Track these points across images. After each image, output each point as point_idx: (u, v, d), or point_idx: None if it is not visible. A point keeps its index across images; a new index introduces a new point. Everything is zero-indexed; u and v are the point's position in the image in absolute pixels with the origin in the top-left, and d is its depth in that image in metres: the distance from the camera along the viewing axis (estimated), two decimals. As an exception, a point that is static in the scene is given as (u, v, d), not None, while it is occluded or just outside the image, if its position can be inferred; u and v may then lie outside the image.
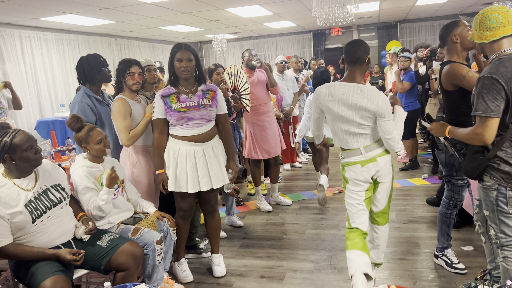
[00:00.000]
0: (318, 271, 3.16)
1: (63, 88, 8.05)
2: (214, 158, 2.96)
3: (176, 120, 2.84)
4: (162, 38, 11.02)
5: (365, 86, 2.46)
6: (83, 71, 3.16)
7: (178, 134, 2.88)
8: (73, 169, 2.65)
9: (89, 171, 2.63)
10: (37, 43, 7.48)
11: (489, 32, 2.09)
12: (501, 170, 2.13)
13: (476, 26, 2.15)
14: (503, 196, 2.15)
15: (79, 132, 2.66)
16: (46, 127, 6.58)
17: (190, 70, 2.83)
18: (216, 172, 2.97)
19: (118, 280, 2.37)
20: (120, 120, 2.92)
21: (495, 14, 2.07)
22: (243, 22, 9.05)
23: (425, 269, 3.06)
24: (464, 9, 9.65)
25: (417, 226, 3.86)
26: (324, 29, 11.59)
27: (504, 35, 2.06)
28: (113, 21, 7.54)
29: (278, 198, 4.77)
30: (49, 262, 2.23)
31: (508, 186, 2.13)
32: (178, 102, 2.84)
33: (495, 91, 1.97)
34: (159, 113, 2.87)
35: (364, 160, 2.51)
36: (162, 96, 2.86)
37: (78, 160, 2.70)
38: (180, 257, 3.17)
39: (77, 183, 2.59)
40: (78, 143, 2.67)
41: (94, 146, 2.64)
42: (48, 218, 2.31)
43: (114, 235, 2.49)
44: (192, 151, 2.88)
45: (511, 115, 2.04)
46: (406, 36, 11.12)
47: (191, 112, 2.86)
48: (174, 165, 2.88)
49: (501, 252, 2.24)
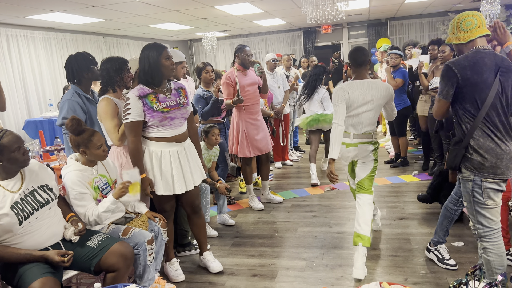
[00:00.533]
0: (310, 269, 3.16)
1: (51, 88, 7.95)
2: (193, 155, 2.99)
3: (160, 121, 2.75)
4: (152, 37, 10.94)
5: (374, 80, 3.07)
6: (71, 69, 3.11)
7: (160, 136, 2.79)
8: (65, 172, 2.57)
9: (82, 176, 2.55)
10: (24, 42, 7.38)
11: (466, 33, 2.30)
12: (474, 160, 2.23)
13: (453, 30, 2.36)
14: (478, 187, 2.24)
15: (79, 135, 2.55)
16: (34, 127, 6.50)
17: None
18: (196, 169, 3.00)
19: (109, 281, 2.34)
20: (108, 120, 2.86)
21: (470, 17, 2.30)
22: (233, 19, 9.02)
23: (416, 265, 3.07)
24: (453, 7, 9.73)
25: (408, 222, 3.88)
26: (314, 27, 11.60)
27: (479, 35, 2.28)
28: (102, 19, 7.46)
29: (269, 196, 4.76)
30: (38, 264, 2.19)
31: (483, 177, 2.22)
32: (158, 102, 2.74)
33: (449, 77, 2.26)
34: (136, 115, 2.69)
35: (348, 143, 3.17)
36: (139, 96, 2.71)
37: (70, 163, 2.60)
38: (170, 257, 3.14)
39: (69, 188, 2.52)
40: (76, 146, 2.56)
41: (94, 151, 2.55)
42: (35, 219, 2.27)
43: (104, 236, 2.46)
44: (175, 151, 2.84)
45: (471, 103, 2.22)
46: (395, 33, 11.18)
47: (173, 112, 2.80)
48: (158, 168, 2.81)
49: (480, 244, 2.32)
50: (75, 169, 2.55)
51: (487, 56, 2.23)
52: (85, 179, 2.55)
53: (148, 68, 2.73)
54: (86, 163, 2.60)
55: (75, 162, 2.60)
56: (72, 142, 2.57)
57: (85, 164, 2.60)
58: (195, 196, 3.07)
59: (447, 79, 2.27)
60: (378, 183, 5.18)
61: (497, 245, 2.28)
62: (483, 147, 2.22)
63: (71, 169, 2.56)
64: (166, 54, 2.76)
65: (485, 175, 2.22)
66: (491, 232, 2.29)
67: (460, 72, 2.22)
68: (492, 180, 2.23)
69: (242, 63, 4.31)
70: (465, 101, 2.25)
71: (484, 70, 2.20)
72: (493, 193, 2.25)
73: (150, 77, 2.75)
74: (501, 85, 2.21)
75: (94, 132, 2.59)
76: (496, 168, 2.21)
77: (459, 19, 2.33)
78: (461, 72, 2.22)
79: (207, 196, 3.72)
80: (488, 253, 2.29)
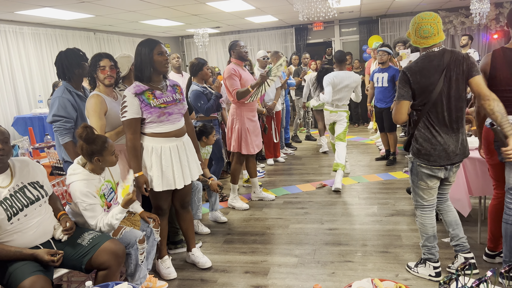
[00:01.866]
0: (302, 265, 3.17)
1: (40, 84, 7.85)
2: (191, 150, 3.01)
3: (158, 116, 2.76)
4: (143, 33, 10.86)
5: (349, 72, 5.05)
6: (61, 66, 3.08)
7: (158, 132, 2.80)
8: (72, 180, 2.46)
9: (90, 185, 2.46)
10: (13, 37, 7.28)
11: (422, 39, 2.53)
12: (414, 147, 2.65)
13: (413, 31, 2.57)
14: (415, 169, 2.70)
15: (92, 143, 2.44)
16: (24, 123, 6.43)
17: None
18: (194, 164, 3.02)
19: (100, 279, 2.33)
20: (96, 118, 2.83)
21: (427, 26, 2.50)
22: (225, 16, 8.98)
23: (406, 261, 3.10)
24: (444, 4, 9.79)
25: (398, 219, 3.91)
26: (306, 24, 11.59)
27: (434, 44, 2.52)
28: (92, 15, 7.39)
29: (261, 194, 4.75)
30: (28, 262, 2.18)
31: (419, 161, 2.64)
32: (155, 98, 2.76)
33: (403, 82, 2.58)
34: (134, 112, 2.70)
35: (330, 110, 5.14)
36: (135, 94, 2.71)
37: (77, 170, 2.49)
38: (163, 254, 3.13)
39: (79, 199, 2.43)
40: (89, 155, 2.45)
41: (109, 158, 2.48)
42: (25, 216, 2.25)
43: (95, 234, 2.44)
44: (175, 146, 2.86)
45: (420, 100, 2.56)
46: (387, 31, 11.21)
47: (170, 107, 2.82)
48: (158, 164, 2.81)
49: (416, 213, 2.84)
50: (83, 178, 2.45)
51: (436, 58, 2.51)
52: (92, 188, 2.47)
53: (140, 64, 2.75)
54: (95, 171, 2.52)
55: (83, 170, 2.49)
56: (84, 151, 2.45)
57: (93, 172, 2.51)
58: (187, 192, 3.09)
59: (403, 82, 2.59)
60: (369, 180, 5.21)
61: (424, 216, 2.79)
62: (422, 137, 2.60)
63: (78, 177, 2.45)
64: (159, 49, 2.75)
65: (420, 160, 2.64)
66: (422, 206, 2.79)
67: (412, 76, 2.55)
68: (425, 166, 2.63)
69: (239, 56, 4.28)
70: (415, 98, 2.60)
71: (432, 73, 2.51)
72: (426, 177, 2.67)
73: (141, 72, 2.76)
74: (446, 82, 2.50)
75: (106, 138, 2.50)
76: (429, 155, 2.60)
77: (418, 24, 2.53)
78: (413, 77, 2.55)
79: (199, 193, 3.71)
80: (422, 219, 2.81)
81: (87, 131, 2.42)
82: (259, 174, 5.74)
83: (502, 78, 2.61)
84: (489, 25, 10.10)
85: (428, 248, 2.81)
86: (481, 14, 7.61)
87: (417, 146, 2.63)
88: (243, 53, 4.27)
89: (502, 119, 2.35)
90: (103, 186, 2.54)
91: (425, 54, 2.56)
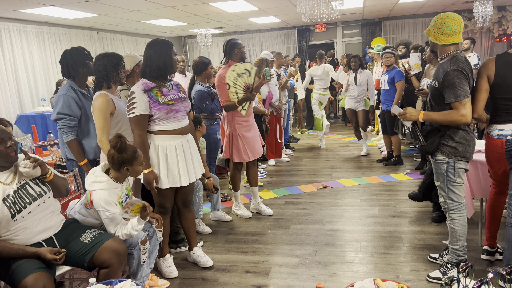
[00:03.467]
0: (303, 266, 3.18)
1: (43, 82, 7.87)
2: (195, 148, 3.05)
3: (166, 113, 2.79)
4: (146, 32, 10.88)
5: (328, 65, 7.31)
6: (66, 64, 3.10)
7: (165, 129, 2.83)
8: (96, 188, 2.45)
9: (112, 193, 2.46)
10: (16, 35, 7.30)
11: (443, 36, 2.58)
12: (449, 146, 2.64)
13: (435, 27, 2.60)
14: (451, 168, 2.67)
15: (123, 152, 2.42)
16: (27, 121, 6.44)
17: None
18: (197, 162, 3.05)
19: (102, 277, 2.34)
20: (101, 119, 2.83)
21: (452, 23, 2.55)
22: (228, 17, 8.99)
23: (408, 263, 3.11)
24: (446, 7, 9.79)
25: (399, 221, 3.92)
26: (308, 25, 11.60)
27: (453, 43, 2.58)
28: (96, 14, 7.40)
29: (259, 206, 4.39)
30: (31, 259, 2.18)
31: (455, 159, 2.65)
32: (163, 95, 2.81)
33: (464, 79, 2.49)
34: (142, 109, 2.74)
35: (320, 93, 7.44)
36: (144, 90, 2.76)
37: (102, 179, 2.47)
38: (164, 253, 3.15)
39: (102, 208, 2.42)
40: (119, 164, 2.43)
41: (137, 168, 2.48)
42: (29, 213, 2.26)
43: (97, 232, 2.45)
44: (180, 144, 2.90)
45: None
46: (389, 33, 11.21)
47: (177, 105, 2.87)
48: (164, 161, 2.84)
49: (448, 216, 2.78)
50: (108, 188, 2.45)
51: (466, 60, 2.57)
52: (114, 197, 2.47)
53: (163, 64, 2.81)
54: (118, 179, 2.51)
55: (108, 179, 2.48)
56: (115, 160, 2.43)
57: (117, 180, 2.50)
58: (190, 190, 3.10)
59: (464, 80, 2.50)
60: (371, 182, 5.21)
61: (463, 216, 2.75)
62: (459, 135, 2.63)
63: (103, 186, 2.44)
64: (174, 49, 2.87)
65: (457, 158, 2.65)
66: (459, 205, 2.74)
67: (469, 74, 2.52)
68: (462, 161, 2.66)
69: (242, 57, 4.05)
70: None
71: (472, 74, 2.57)
72: (463, 173, 2.70)
73: (164, 72, 2.83)
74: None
75: (135, 148, 2.50)
76: (466, 152, 2.65)
77: (443, 20, 2.57)
78: (469, 75, 2.52)
79: (199, 192, 3.72)
80: (455, 223, 2.76)
81: (121, 141, 2.41)
82: (260, 175, 5.75)
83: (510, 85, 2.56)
84: (491, 28, 10.10)
85: (464, 247, 2.79)
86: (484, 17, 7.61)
87: (454, 145, 2.63)
88: (244, 54, 4.08)
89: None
90: (122, 194, 2.54)
91: (456, 55, 2.57)
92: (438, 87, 2.62)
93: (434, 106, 2.72)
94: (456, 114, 2.52)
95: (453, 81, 2.49)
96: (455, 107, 2.53)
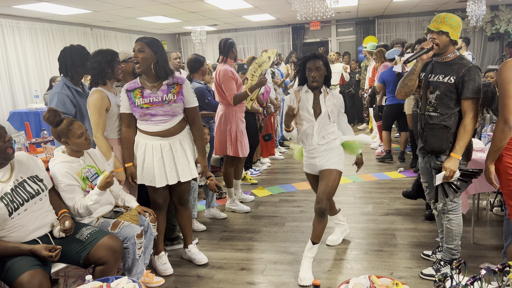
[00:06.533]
0: (298, 263, 3.19)
1: (37, 79, 7.82)
2: (181, 152, 2.93)
3: (139, 116, 2.84)
4: (140, 29, 10.83)
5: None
6: (65, 63, 3.08)
7: (144, 129, 2.88)
8: (52, 165, 2.55)
9: (70, 167, 2.54)
10: (9, 31, 7.23)
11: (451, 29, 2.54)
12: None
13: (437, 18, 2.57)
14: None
15: (58, 126, 2.53)
16: (20, 118, 6.40)
17: (141, 62, 2.75)
18: (184, 166, 2.95)
19: (97, 274, 2.34)
20: (96, 115, 2.85)
21: (456, 18, 2.56)
22: (223, 14, 8.98)
23: (401, 260, 3.14)
24: (440, 6, 9.85)
25: (393, 218, 3.95)
26: (303, 23, 11.61)
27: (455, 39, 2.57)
28: (89, 10, 7.36)
29: (242, 195, 4.66)
30: (26, 256, 2.18)
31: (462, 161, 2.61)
32: (141, 97, 2.80)
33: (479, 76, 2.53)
34: (124, 107, 2.86)
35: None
36: (127, 90, 2.84)
37: (57, 155, 2.59)
38: (159, 250, 3.15)
39: (58, 180, 2.50)
40: (57, 138, 2.55)
41: (75, 141, 2.54)
42: (25, 211, 2.26)
43: (93, 229, 2.45)
44: (158, 145, 2.87)
45: None
46: (383, 31, 11.26)
47: (154, 109, 2.81)
48: (142, 159, 2.90)
49: (446, 216, 2.78)
50: (62, 161, 2.54)
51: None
52: (73, 170, 2.54)
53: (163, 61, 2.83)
54: (72, 154, 2.59)
55: (62, 154, 2.59)
56: (53, 134, 2.57)
57: (71, 155, 2.59)
58: (184, 190, 3.09)
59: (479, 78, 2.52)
60: (364, 179, 5.25)
61: (459, 216, 2.77)
62: None
63: (58, 161, 2.54)
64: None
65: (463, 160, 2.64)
66: (457, 206, 2.75)
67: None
68: (464, 162, 2.67)
69: (236, 57, 4.27)
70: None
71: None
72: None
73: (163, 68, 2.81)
74: None
75: (72, 121, 2.57)
76: (469, 153, 2.67)
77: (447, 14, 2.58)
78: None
79: (195, 192, 3.72)
80: (452, 224, 2.76)
81: (50, 114, 2.50)
82: (255, 173, 5.76)
83: None
84: (484, 28, 10.18)
85: (459, 246, 2.82)
86: (477, 16, 7.66)
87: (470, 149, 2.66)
88: (236, 54, 4.27)
89: None
90: (84, 170, 2.60)
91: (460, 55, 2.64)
92: (454, 82, 2.55)
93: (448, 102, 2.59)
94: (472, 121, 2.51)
95: (474, 77, 2.51)
96: (467, 105, 2.51)
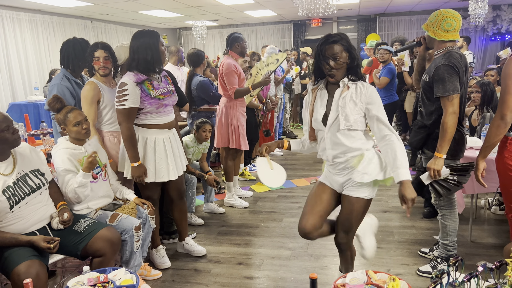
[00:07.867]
0: (295, 258, 3.20)
1: (36, 71, 7.80)
2: (179, 142, 3.06)
3: (156, 108, 2.76)
4: (140, 23, 10.81)
5: None
6: (67, 56, 3.07)
7: (154, 123, 2.80)
8: (55, 151, 2.58)
9: (72, 153, 2.56)
10: (9, 23, 7.21)
11: (443, 32, 2.54)
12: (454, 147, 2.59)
13: (434, 22, 2.56)
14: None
15: (58, 113, 2.59)
16: (19, 110, 6.39)
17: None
18: (182, 156, 3.05)
19: (95, 266, 2.34)
20: (86, 106, 2.85)
21: (452, 20, 2.52)
22: (224, 9, 8.96)
23: (398, 257, 3.15)
24: (442, 5, 9.83)
25: (391, 216, 3.96)
26: (304, 20, 11.59)
27: (451, 40, 2.55)
28: (90, 3, 7.34)
29: (240, 191, 4.66)
30: (24, 247, 2.18)
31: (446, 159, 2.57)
32: (154, 89, 2.76)
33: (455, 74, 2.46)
34: (134, 102, 2.67)
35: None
36: (137, 83, 2.68)
37: (60, 142, 2.62)
38: (157, 244, 3.15)
39: (58, 165, 2.53)
40: (59, 124, 2.61)
41: (72, 129, 2.56)
42: (26, 204, 2.25)
43: (91, 221, 2.45)
44: (168, 138, 2.88)
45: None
46: (384, 29, 11.25)
47: (167, 99, 2.83)
48: (152, 155, 2.82)
49: (440, 211, 2.81)
50: (64, 147, 2.57)
51: (462, 57, 2.55)
52: (74, 157, 2.55)
53: (151, 57, 2.71)
54: (74, 142, 2.62)
55: (65, 141, 2.62)
56: (56, 120, 2.61)
57: (74, 143, 2.61)
58: (182, 181, 3.11)
59: (455, 75, 2.47)
60: (363, 177, 5.25)
61: (454, 212, 2.78)
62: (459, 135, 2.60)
63: (61, 147, 2.58)
64: (161, 40, 2.80)
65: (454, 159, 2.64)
66: (450, 202, 2.77)
67: (459, 71, 2.49)
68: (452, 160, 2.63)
69: (241, 52, 4.18)
70: None
71: (464, 71, 2.54)
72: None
73: (152, 65, 2.73)
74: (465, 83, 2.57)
75: (71, 109, 2.59)
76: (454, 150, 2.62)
77: (444, 16, 2.54)
78: (460, 71, 2.49)
79: (193, 187, 3.72)
80: (446, 219, 2.79)
81: (53, 99, 2.57)
82: (254, 169, 5.76)
83: None
84: (486, 27, 10.16)
85: (454, 243, 2.83)
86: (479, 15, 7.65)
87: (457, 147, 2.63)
88: (245, 49, 4.21)
89: None
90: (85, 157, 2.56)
91: (450, 51, 2.54)
92: (428, 81, 2.62)
93: (426, 101, 2.72)
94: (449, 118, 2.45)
95: (443, 76, 2.47)
96: (443, 104, 2.51)
